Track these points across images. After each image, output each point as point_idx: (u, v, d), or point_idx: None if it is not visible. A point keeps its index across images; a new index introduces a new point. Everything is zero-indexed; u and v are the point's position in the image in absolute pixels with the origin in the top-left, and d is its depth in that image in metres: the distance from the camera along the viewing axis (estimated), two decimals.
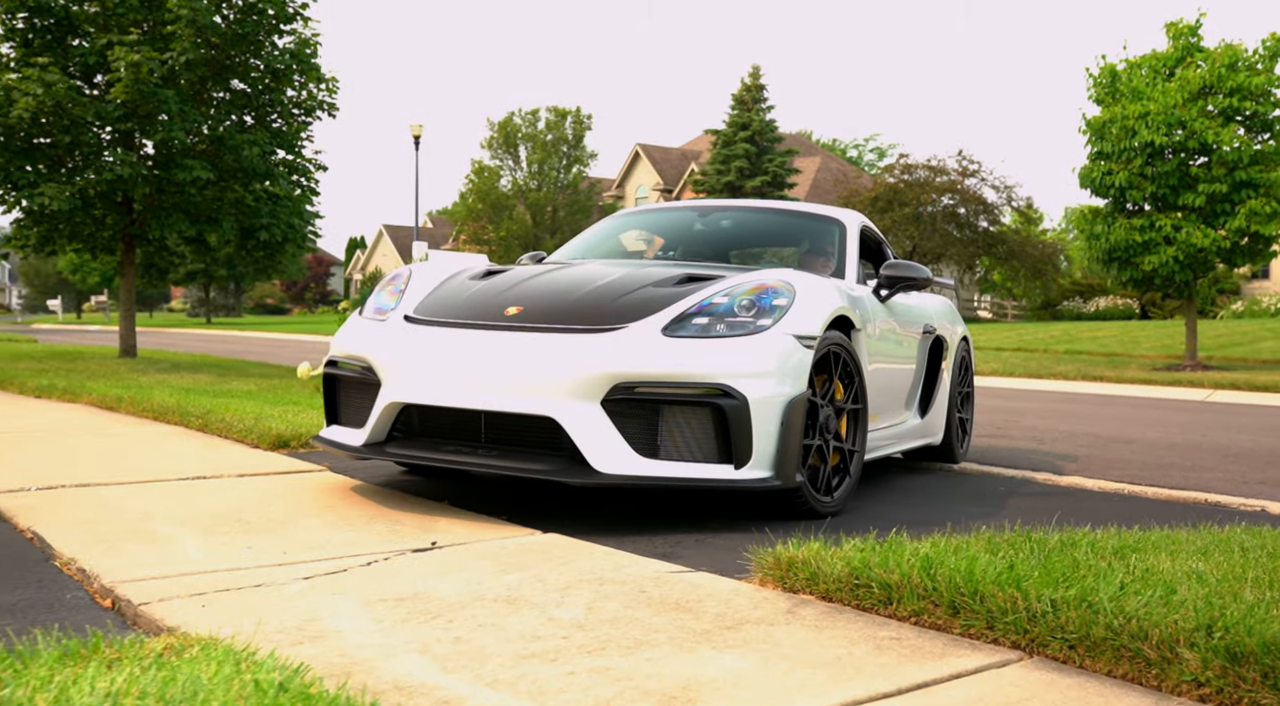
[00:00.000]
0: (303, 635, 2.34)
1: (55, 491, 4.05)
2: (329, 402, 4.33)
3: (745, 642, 2.39)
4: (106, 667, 1.91)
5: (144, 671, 1.87)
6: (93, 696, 1.73)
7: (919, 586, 2.56)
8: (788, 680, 2.14)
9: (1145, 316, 33.62)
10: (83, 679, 1.82)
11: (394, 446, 3.94)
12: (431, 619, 2.51)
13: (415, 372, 3.82)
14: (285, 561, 3.04)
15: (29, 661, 1.92)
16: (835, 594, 2.73)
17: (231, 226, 12.07)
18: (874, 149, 74.83)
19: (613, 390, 3.56)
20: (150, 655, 2.01)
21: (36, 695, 1.73)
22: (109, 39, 11.06)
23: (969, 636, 2.43)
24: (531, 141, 48.06)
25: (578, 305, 3.93)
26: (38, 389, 8.64)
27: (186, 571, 2.89)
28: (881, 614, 2.61)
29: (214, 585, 2.75)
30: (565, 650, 2.30)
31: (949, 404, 6.02)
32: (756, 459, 3.61)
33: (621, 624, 2.51)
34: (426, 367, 3.80)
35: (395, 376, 3.87)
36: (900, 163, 31.84)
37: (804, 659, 2.27)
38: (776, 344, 3.71)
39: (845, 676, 2.16)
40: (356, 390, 4.15)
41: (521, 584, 2.85)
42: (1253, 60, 15.13)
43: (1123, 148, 15.19)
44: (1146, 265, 15.35)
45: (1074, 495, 5.04)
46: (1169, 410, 11.01)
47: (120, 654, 2.01)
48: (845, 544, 2.94)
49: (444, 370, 3.76)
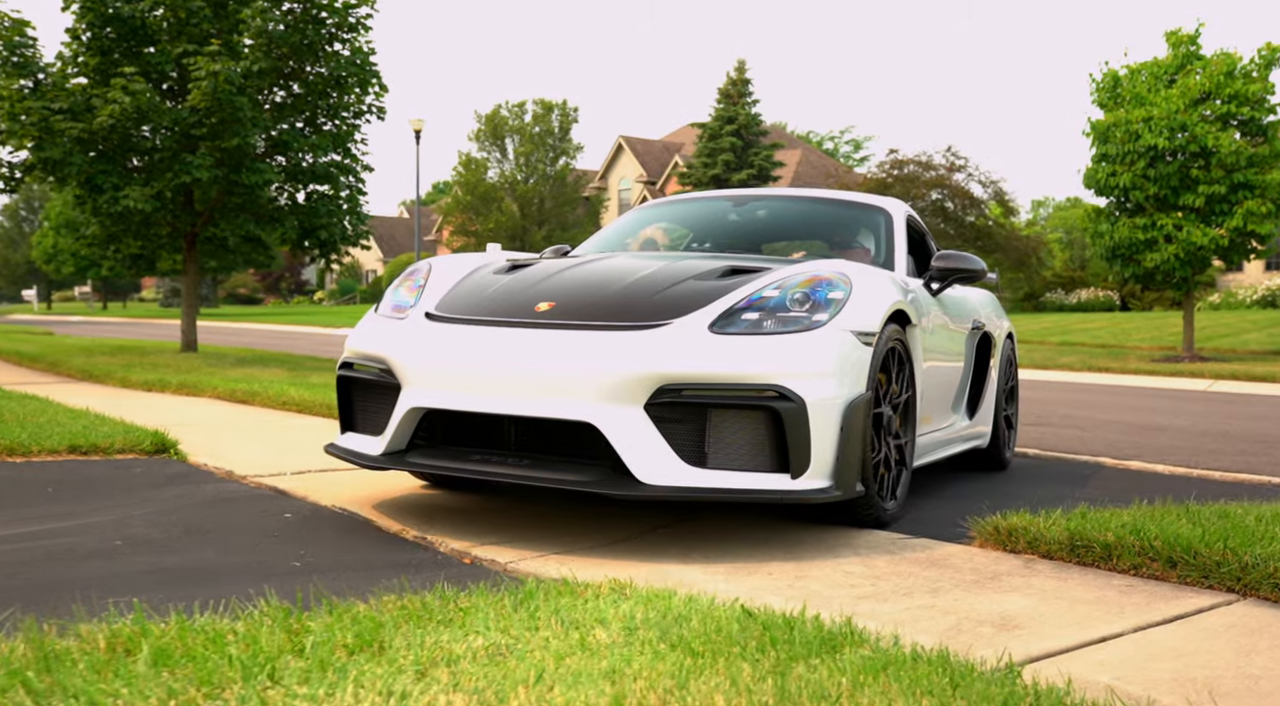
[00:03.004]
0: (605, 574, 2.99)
1: (309, 475, 4.65)
2: (344, 408, 4.07)
3: (1015, 588, 3.06)
4: (594, 598, 2.54)
5: (636, 601, 2.51)
6: (617, 614, 2.37)
7: (1133, 545, 3.25)
8: (1073, 614, 2.82)
9: (1125, 308, 34.75)
10: (592, 604, 2.46)
11: (416, 456, 3.69)
12: (756, 571, 3.17)
13: (438, 375, 3.57)
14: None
15: (529, 596, 2.54)
16: (1055, 553, 3.42)
17: (293, 226, 12.63)
18: (850, 141, 75.82)
19: (657, 392, 3.31)
20: (602, 591, 2.64)
21: (585, 615, 2.36)
22: (184, 48, 11.56)
23: (1186, 584, 3.12)
24: (519, 134, 48.58)
25: (615, 300, 3.66)
26: (146, 384, 9.12)
27: (505, 538, 3.52)
28: (1102, 569, 3.30)
29: (535, 549, 3.39)
30: (885, 593, 2.97)
31: (995, 405, 5.74)
32: (815, 467, 3.35)
33: (902, 576, 3.18)
34: (451, 369, 3.56)
35: (416, 379, 3.61)
36: (890, 158, 32.73)
37: (1074, 599, 2.96)
38: (834, 340, 3.44)
39: (1114, 611, 2.85)
40: (374, 394, 3.90)
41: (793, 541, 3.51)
42: (1249, 69, 16.00)
43: (1127, 150, 16.03)
44: (1149, 262, 16.21)
45: (1150, 477, 5.61)
46: (1182, 400, 11.77)
47: (580, 591, 2.64)
48: (1053, 514, 3.62)
49: (470, 372, 3.51)
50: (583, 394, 3.33)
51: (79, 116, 11.39)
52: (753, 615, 2.42)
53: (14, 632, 2.07)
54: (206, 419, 6.82)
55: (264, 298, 78.26)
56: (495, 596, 2.50)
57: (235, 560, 3.12)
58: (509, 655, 2.04)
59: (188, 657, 1.90)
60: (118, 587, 2.75)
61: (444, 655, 2.02)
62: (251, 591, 2.66)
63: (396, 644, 2.08)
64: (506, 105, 48.90)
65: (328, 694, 1.77)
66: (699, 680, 1.91)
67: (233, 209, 12.40)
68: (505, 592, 2.55)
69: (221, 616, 2.23)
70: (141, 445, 5.05)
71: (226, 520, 3.69)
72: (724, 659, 2.07)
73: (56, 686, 1.73)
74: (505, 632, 2.20)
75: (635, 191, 53.28)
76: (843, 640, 2.24)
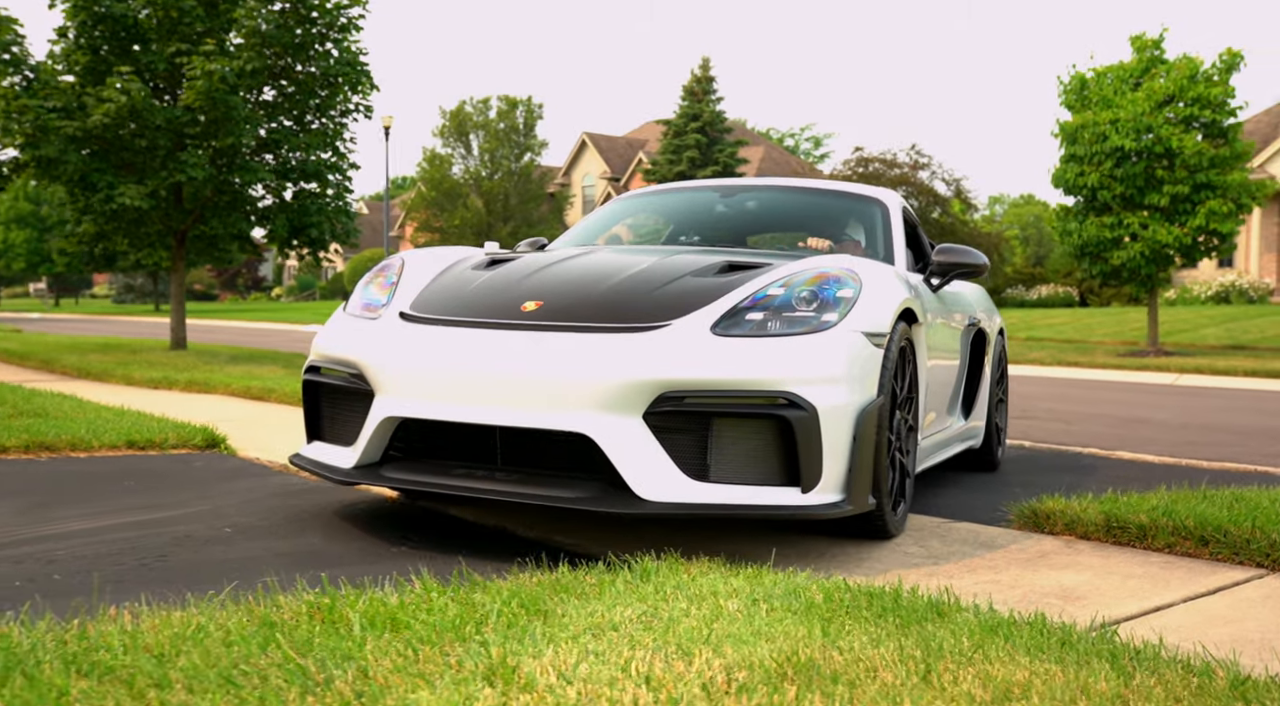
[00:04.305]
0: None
1: None
2: (310, 416, 3.81)
3: (1065, 566, 3.35)
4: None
5: (743, 578, 2.76)
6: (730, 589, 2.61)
7: (1166, 526, 3.55)
8: (1125, 587, 3.11)
9: (1084, 303, 35.51)
10: (705, 579, 2.71)
11: (392, 470, 3.41)
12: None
13: (415, 381, 3.31)
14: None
15: (647, 573, 2.78)
16: (1091, 534, 3.71)
17: (283, 224, 12.74)
18: (810, 138, 76.57)
19: (657, 401, 3.09)
20: (708, 569, 2.89)
21: (704, 589, 2.61)
22: (178, 47, 11.64)
23: (1218, 560, 3.42)
24: (483, 130, 48.59)
25: (608, 298, 3.43)
26: (151, 382, 9.20)
27: (572, 526, 3.74)
28: (1138, 548, 3.60)
29: (600, 539, 3.62)
30: (950, 571, 3.24)
31: (988, 404, 5.57)
32: (826, 480, 3.13)
33: (960, 556, 3.46)
34: (429, 375, 3.30)
35: (392, 386, 3.35)
36: (856, 156, 33.19)
37: (1122, 574, 3.25)
38: (845, 342, 3.23)
39: (1162, 584, 3.14)
40: (344, 402, 3.63)
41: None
42: (1210, 73, 16.55)
43: (1094, 151, 16.52)
44: (1115, 259, 16.73)
45: (1143, 467, 5.86)
46: (1155, 393, 12.19)
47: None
48: (1084, 499, 3.92)
49: (451, 378, 3.26)
50: (576, 402, 3.10)
51: (72, 115, 11.44)
52: (850, 588, 2.68)
53: (220, 607, 2.28)
54: (236, 415, 6.97)
55: (220, 294, 77.61)
56: (614, 574, 2.74)
57: (342, 545, 3.33)
58: (661, 621, 2.28)
59: (391, 623, 2.13)
60: (251, 569, 2.96)
61: (605, 621, 2.25)
62: (374, 572, 2.88)
63: (558, 612, 2.31)
64: (471, 101, 48.86)
65: (535, 646, 2.00)
66: (843, 638, 2.17)
67: (224, 207, 12.49)
68: (618, 572, 2.78)
69: (386, 592, 2.45)
70: (193, 440, 5.22)
71: (310, 509, 3.89)
72: (852, 621, 2.32)
73: (300, 646, 1.95)
74: (645, 603, 2.44)
75: (599, 188, 53.48)
76: (945, 607, 2.50)
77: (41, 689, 1.72)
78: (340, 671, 1.81)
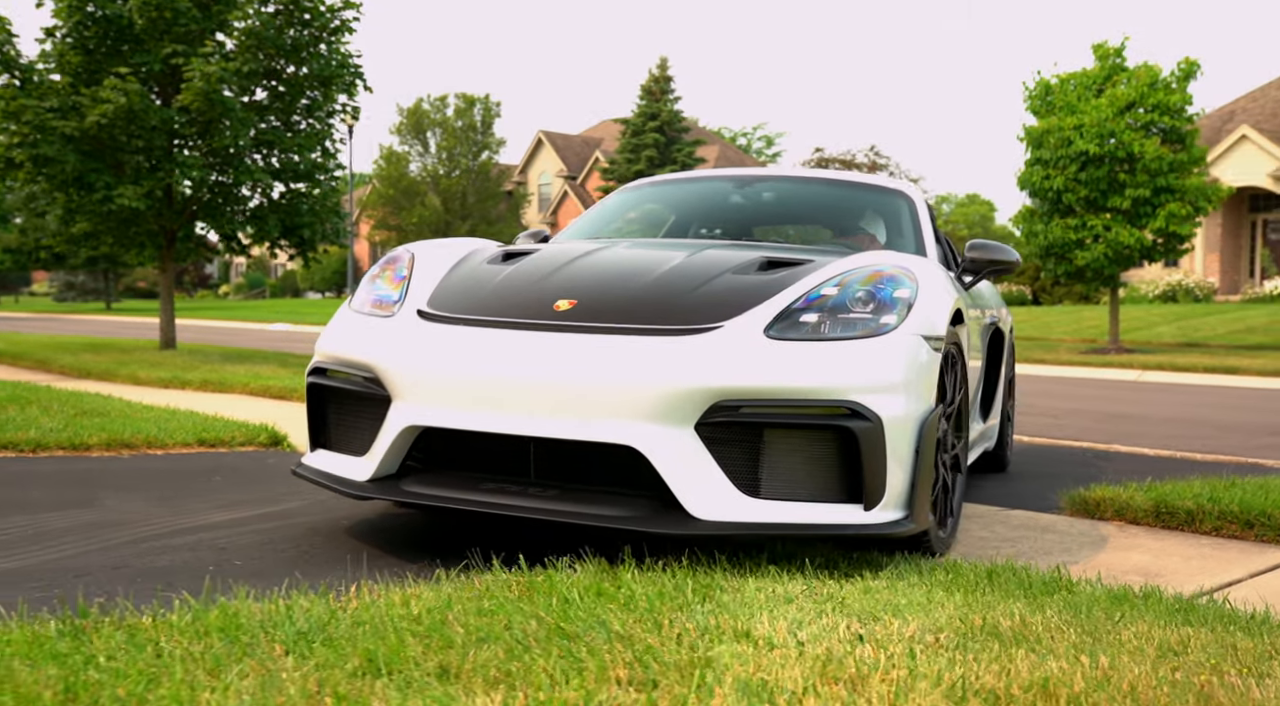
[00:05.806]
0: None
1: None
2: (314, 422, 3.54)
3: (1129, 548, 3.68)
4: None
5: (859, 563, 3.03)
6: (858, 572, 2.89)
7: (1213, 510, 3.89)
8: (1190, 565, 3.43)
9: (1037, 302, 36.36)
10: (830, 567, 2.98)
11: (412, 484, 3.16)
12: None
13: (440, 387, 3.06)
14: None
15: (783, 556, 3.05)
16: (1141, 519, 4.05)
17: (275, 224, 12.83)
18: (762, 137, 77.25)
19: (711, 410, 2.87)
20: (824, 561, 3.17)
21: (836, 571, 2.88)
22: (172, 48, 11.69)
23: (1264, 542, 3.77)
24: (441, 127, 48.54)
25: (647, 297, 3.19)
26: (161, 381, 9.25)
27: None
28: (1186, 531, 3.93)
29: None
30: (1028, 553, 3.55)
31: (1002, 404, 5.41)
32: (889, 496, 2.92)
33: (1030, 539, 3.77)
34: (456, 381, 3.05)
35: (413, 391, 3.10)
36: (815, 156, 33.74)
37: (1183, 555, 3.58)
38: (905, 347, 3.01)
39: (1224, 563, 3.47)
40: (355, 407, 3.36)
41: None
42: (1169, 81, 17.18)
43: (1060, 155, 17.07)
44: (1079, 260, 17.31)
45: (1143, 459, 6.18)
46: (1126, 389, 12.65)
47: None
48: (1130, 486, 4.26)
49: (481, 383, 3.01)
50: (622, 412, 2.87)
51: (67, 115, 11.45)
52: (965, 566, 2.97)
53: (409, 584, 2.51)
54: (273, 415, 7.10)
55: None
56: (755, 556, 3.01)
57: (459, 535, 3.54)
58: (822, 595, 2.55)
59: (596, 595, 2.38)
60: (391, 554, 3.17)
61: (779, 596, 2.52)
62: (540, 551, 3.05)
63: (735, 587, 2.57)
64: (428, 98, 48.84)
65: (749, 613, 2.26)
66: (997, 606, 2.45)
67: (215, 207, 12.56)
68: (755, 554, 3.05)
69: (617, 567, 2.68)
70: (258, 438, 5.40)
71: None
72: (991, 593, 2.61)
73: (526, 611, 2.19)
74: (805, 580, 2.71)
75: (556, 186, 53.62)
76: (1062, 581, 2.80)
77: (342, 649, 1.94)
78: (603, 636, 2.05)
